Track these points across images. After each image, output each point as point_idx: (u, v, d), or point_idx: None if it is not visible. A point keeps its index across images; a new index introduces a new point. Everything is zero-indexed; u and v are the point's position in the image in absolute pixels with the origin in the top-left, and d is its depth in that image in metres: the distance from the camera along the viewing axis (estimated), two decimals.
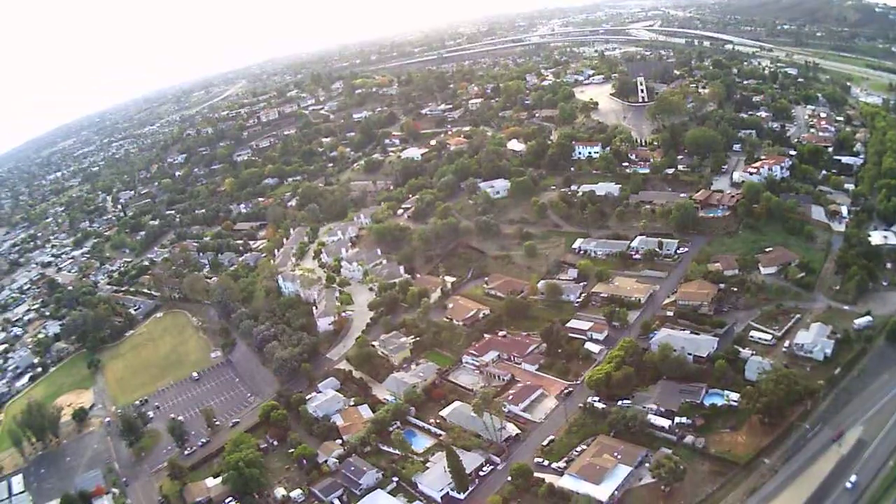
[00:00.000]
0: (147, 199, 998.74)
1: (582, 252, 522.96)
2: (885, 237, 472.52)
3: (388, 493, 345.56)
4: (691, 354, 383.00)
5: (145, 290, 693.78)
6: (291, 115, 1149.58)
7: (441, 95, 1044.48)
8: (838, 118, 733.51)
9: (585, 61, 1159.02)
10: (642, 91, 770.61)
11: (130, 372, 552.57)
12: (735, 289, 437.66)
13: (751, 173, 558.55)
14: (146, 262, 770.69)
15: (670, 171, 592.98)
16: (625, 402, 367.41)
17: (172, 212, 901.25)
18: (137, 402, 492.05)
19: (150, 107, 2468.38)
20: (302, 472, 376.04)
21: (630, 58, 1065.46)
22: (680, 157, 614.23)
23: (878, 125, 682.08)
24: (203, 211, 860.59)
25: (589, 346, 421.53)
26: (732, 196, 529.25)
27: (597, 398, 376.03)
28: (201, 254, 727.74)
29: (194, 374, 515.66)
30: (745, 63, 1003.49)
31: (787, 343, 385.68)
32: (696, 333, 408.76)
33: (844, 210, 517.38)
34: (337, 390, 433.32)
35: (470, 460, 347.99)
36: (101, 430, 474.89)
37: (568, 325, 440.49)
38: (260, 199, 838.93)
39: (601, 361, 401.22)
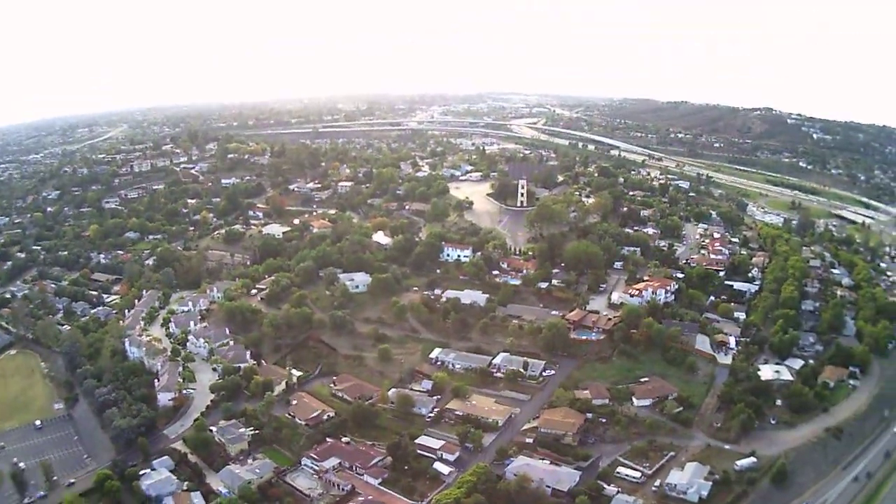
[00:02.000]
0: (19, 229, 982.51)
1: (439, 363, 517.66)
2: (777, 372, 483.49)
3: None
4: (550, 487, 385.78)
5: (3, 325, 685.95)
6: (163, 170, 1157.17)
7: (312, 173, 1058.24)
8: (733, 239, 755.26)
9: (463, 155, 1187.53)
10: (522, 195, 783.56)
11: None
12: (604, 420, 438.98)
13: (632, 295, 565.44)
14: (7, 295, 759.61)
15: (544, 285, 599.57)
16: None
17: (39, 247, 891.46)
18: None
19: (38, 135, 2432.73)
20: None
21: (511, 157, 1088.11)
22: (556, 270, 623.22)
23: (780, 249, 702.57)
24: (66, 253, 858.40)
25: (438, 466, 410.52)
26: (609, 319, 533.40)
27: None
28: (58, 298, 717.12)
29: (38, 422, 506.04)
30: (633, 172, 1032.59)
31: (657, 482, 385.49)
32: (557, 465, 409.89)
33: (732, 341, 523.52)
34: (171, 471, 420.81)
35: None
36: None
37: (417, 440, 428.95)
38: (120, 251, 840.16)
39: (451, 484, 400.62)
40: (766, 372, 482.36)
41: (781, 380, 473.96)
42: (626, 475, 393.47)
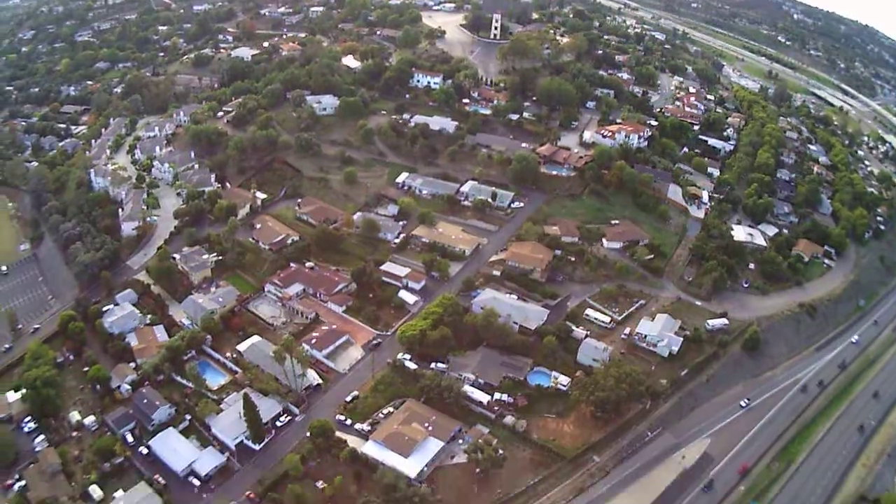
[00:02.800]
0: None
1: (406, 188, 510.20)
2: (751, 235, 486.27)
3: (181, 431, 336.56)
4: (517, 324, 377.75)
5: None
6: (136, 0, 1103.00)
7: None
8: (709, 96, 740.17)
9: None
10: (496, 28, 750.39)
11: None
12: (573, 258, 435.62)
13: (604, 136, 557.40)
14: None
15: (515, 117, 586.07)
16: (439, 365, 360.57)
17: (11, 88, 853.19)
18: None
19: None
20: (96, 395, 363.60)
21: None
22: (527, 104, 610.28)
23: (757, 114, 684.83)
24: (37, 90, 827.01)
25: (403, 294, 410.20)
26: (581, 157, 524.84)
27: (408, 356, 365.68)
28: (27, 135, 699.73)
29: (3, 267, 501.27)
30: (608, 18, 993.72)
31: (627, 330, 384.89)
32: (524, 301, 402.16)
33: (705, 195, 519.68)
34: (134, 304, 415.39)
35: (267, 407, 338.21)
36: None
37: (382, 267, 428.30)
38: (89, 82, 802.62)
39: (416, 314, 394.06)
40: (740, 233, 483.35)
41: (754, 243, 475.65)
42: (596, 318, 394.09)
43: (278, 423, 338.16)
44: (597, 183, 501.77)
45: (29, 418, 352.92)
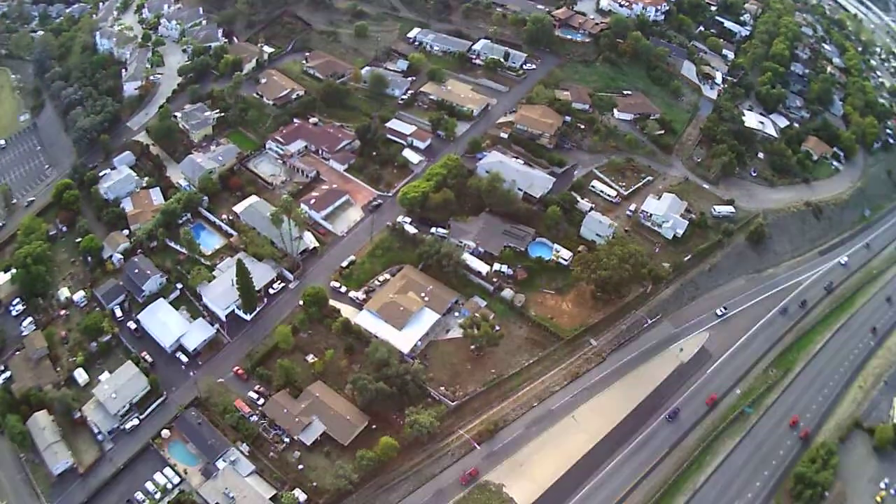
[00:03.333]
0: None
1: (417, 44, 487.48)
2: (762, 123, 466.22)
3: (172, 302, 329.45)
4: (522, 191, 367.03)
5: None
6: None
7: None
8: None
9: None
10: None
11: None
12: (582, 126, 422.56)
13: (621, 5, 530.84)
14: None
15: None
16: (440, 230, 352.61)
17: None
18: None
19: None
20: (87, 268, 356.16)
21: None
22: None
23: (774, 5, 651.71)
24: None
25: (408, 153, 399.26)
26: (597, 24, 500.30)
27: (408, 219, 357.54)
28: (35, 6, 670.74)
29: (1, 141, 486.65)
30: None
31: (632, 206, 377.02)
32: (531, 166, 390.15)
33: (719, 77, 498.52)
34: (132, 167, 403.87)
35: (260, 273, 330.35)
36: None
37: (388, 124, 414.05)
38: None
39: (419, 175, 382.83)
40: (751, 119, 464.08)
41: (765, 132, 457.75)
42: (602, 191, 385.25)
43: (271, 291, 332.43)
44: (611, 51, 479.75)
45: (17, 300, 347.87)
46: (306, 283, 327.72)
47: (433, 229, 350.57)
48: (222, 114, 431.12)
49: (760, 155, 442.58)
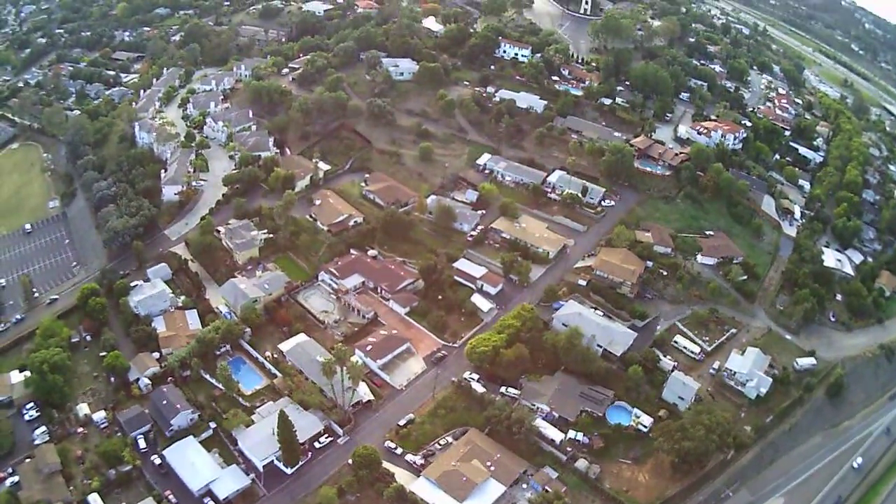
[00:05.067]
0: (44, 14, 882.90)
1: (487, 171, 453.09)
2: (839, 261, 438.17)
3: (203, 442, 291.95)
4: (601, 347, 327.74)
5: (9, 116, 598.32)
6: None
7: None
8: (797, 100, 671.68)
9: None
10: (587, 2, 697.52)
11: None
12: (664, 272, 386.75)
13: (699, 132, 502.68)
14: (21, 84, 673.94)
15: (607, 101, 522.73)
16: (510, 390, 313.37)
17: (61, 31, 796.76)
18: None
19: None
20: (110, 387, 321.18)
21: None
22: (620, 88, 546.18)
23: (844, 126, 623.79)
24: (89, 34, 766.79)
25: (477, 299, 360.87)
26: (677, 154, 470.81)
27: (476, 376, 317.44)
28: (73, 81, 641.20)
29: (27, 226, 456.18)
30: (693, 5, 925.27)
31: (716, 364, 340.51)
32: (611, 318, 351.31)
33: (797, 210, 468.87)
34: (167, 282, 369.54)
35: (306, 423, 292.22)
36: None
37: (455, 264, 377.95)
38: (146, 28, 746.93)
39: (489, 325, 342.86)
40: (829, 258, 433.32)
41: (842, 271, 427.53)
42: (685, 348, 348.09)
43: (317, 444, 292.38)
44: (692, 185, 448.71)
45: (32, 404, 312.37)
46: (357, 441, 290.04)
47: (503, 389, 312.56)
48: (271, 235, 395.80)
49: (838, 296, 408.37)
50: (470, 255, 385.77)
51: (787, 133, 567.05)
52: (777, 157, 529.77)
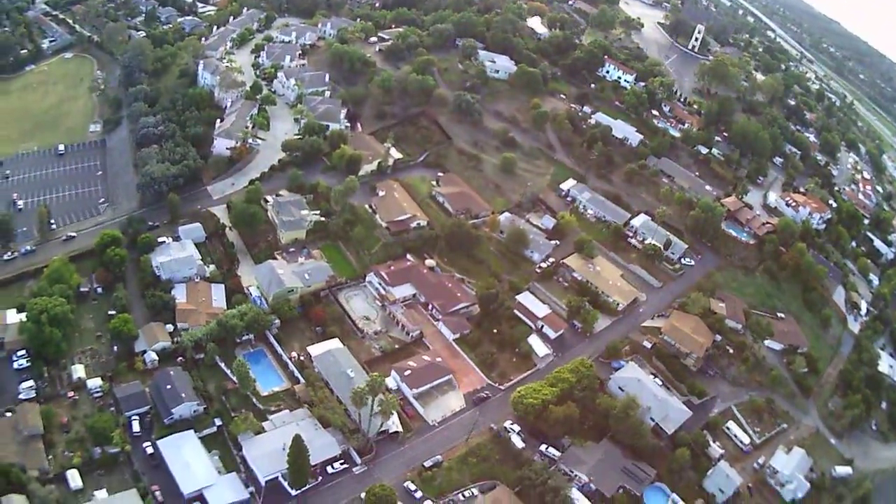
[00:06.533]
0: None
1: (569, 199, 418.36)
2: (892, 367, 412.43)
3: (203, 438, 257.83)
4: (654, 421, 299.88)
5: (70, 22, 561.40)
6: None
7: None
8: (878, 188, 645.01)
9: None
10: (696, 40, 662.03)
11: (4, 120, 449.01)
12: (731, 350, 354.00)
13: (788, 204, 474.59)
14: None
15: (704, 150, 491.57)
16: (551, 450, 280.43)
17: None
18: None
19: None
20: (112, 354, 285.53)
21: None
22: (717, 139, 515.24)
23: None
24: None
25: (534, 341, 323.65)
26: (764, 223, 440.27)
27: (517, 428, 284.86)
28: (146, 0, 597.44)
29: (61, 146, 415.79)
30: (793, 65, 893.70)
31: (761, 459, 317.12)
32: (668, 389, 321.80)
33: (864, 306, 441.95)
34: (198, 244, 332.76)
35: (322, 444, 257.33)
36: None
37: (518, 297, 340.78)
38: None
39: (543, 373, 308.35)
40: (885, 364, 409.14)
41: (893, 379, 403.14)
42: (736, 436, 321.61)
43: (330, 469, 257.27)
44: (773, 261, 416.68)
45: (23, 352, 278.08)
46: (375, 474, 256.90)
47: (543, 447, 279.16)
48: (322, 218, 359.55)
49: (883, 405, 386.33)
50: (535, 289, 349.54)
51: (867, 220, 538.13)
52: (854, 244, 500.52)
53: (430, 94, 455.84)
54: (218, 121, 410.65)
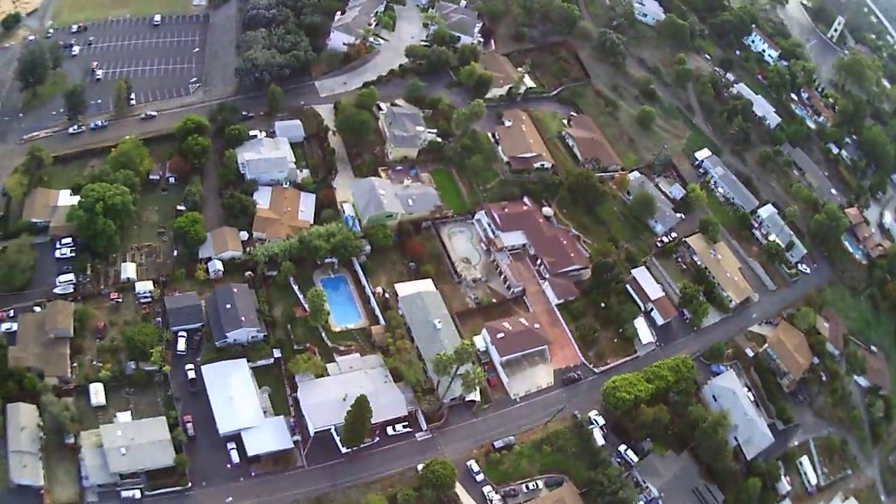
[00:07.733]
0: None
1: (702, 171, 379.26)
2: None
3: (255, 369, 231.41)
4: (737, 440, 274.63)
5: None
6: None
7: None
8: None
9: None
10: (835, 30, 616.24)
11: None
12: (824, 378, 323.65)
13: None
14: None
15: (835, 149, 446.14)
16: (631, 453, 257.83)
17: None
18: (74, 28, 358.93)
19: None
20: (172, 256, 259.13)
21: None
22: (847, 141, 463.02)
23: None
24: None
25: (640, 325, 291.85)
26: (877, 245, 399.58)
27: (602, 422, 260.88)
28: None
29: (157, 16, 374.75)
30: None
31: None
32: (757, 406, 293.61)
33: None
34: (294, 145, 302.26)
35: (388, 401, 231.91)
36: (17, 51, 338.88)
37: (634, 271, 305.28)
38: None
39: (642, 362, 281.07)
40: None
41: None
42: (805, 473, 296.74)
43: (391, 431, 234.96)
44: (879, 288, 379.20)
45: (69, 240, 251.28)
46: (438, 446, 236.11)
47: (622, 447, 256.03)
48: (439, 139, 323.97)
49: None
50: (652, 264, 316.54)
51: None
52: None
53: (574, 25, 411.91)
54: (339, 13, 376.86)
